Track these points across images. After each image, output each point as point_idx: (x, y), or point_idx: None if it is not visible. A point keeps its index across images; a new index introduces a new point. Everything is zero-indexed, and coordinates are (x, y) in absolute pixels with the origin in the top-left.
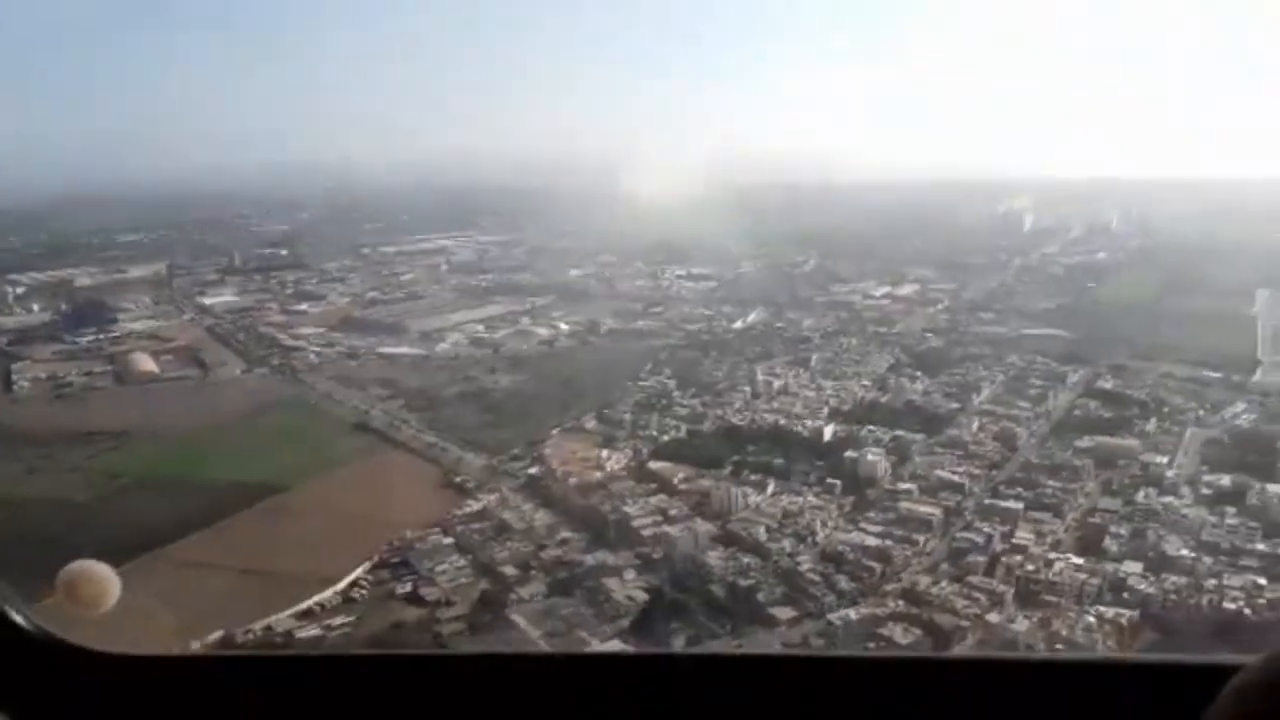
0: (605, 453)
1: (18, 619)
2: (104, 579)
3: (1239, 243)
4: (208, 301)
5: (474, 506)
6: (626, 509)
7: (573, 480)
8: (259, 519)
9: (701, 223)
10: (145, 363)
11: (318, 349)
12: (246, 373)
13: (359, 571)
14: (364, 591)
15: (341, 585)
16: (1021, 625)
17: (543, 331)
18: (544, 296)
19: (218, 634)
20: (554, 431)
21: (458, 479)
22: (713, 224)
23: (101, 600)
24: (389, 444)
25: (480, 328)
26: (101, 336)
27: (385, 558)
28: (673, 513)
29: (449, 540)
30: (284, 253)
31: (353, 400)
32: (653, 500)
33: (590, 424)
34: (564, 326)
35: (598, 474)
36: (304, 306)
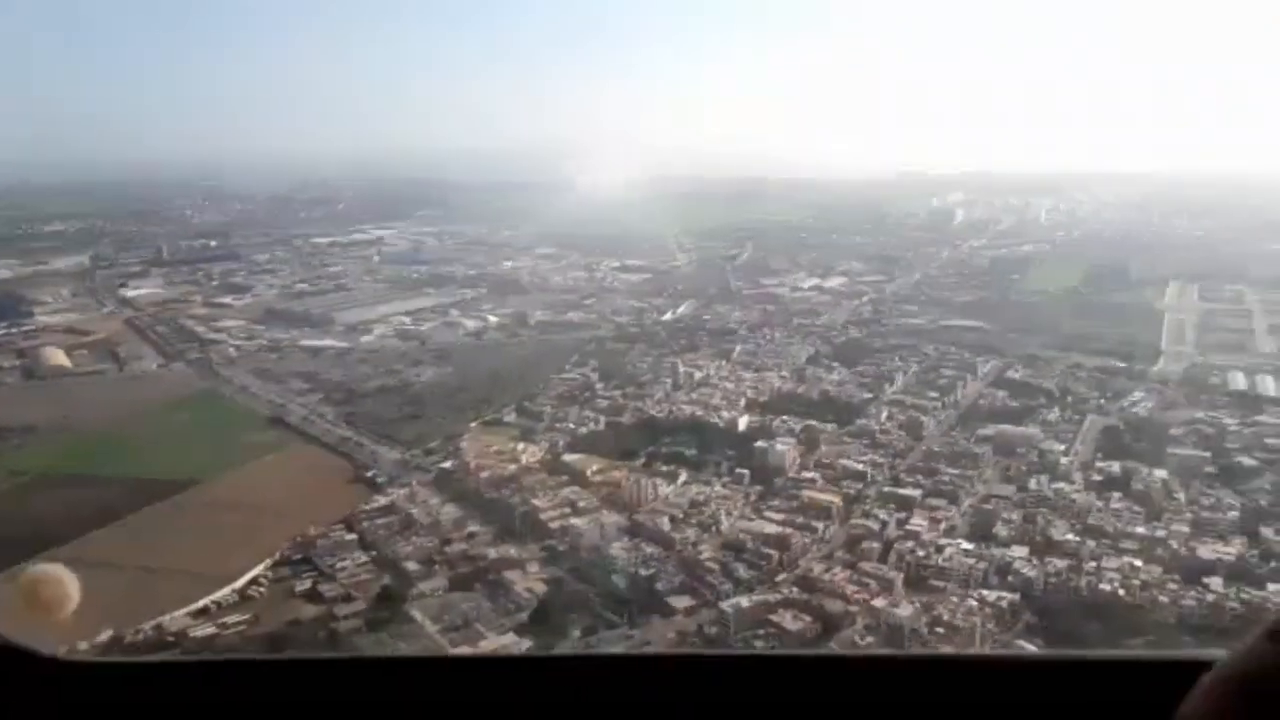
0: (521, 446)
1: None
2: (64, 582)
3: (1162, 236)
4: (130, 294)
5: (382, 501)
6: (536, 502)
7: (485, 474)
8: (164, 515)
9: (642, 217)
10: (57, 357)
11: (239, 342)
12: (163, 367)
13: (259, 569)
14: (262, 589)
15: (240, 583)
16: (906, 610)
17: (470, 324)
18: (476, 288)
19: (107, 634)
20: (472, 425)
21: (369, 474)
22: (652, 218)
23: (63, 603)
24: (303, 439)
25: (407, 320)
26: (14, 330)
27: (287, 554)
28: (582, 505)
29: (353, 536)
30: (213, 244)
31: (269, 394)
32: (564, 493)
33: (510, 417)
34: (493, 319)
35: (512, 467)
36: (228, 299)
